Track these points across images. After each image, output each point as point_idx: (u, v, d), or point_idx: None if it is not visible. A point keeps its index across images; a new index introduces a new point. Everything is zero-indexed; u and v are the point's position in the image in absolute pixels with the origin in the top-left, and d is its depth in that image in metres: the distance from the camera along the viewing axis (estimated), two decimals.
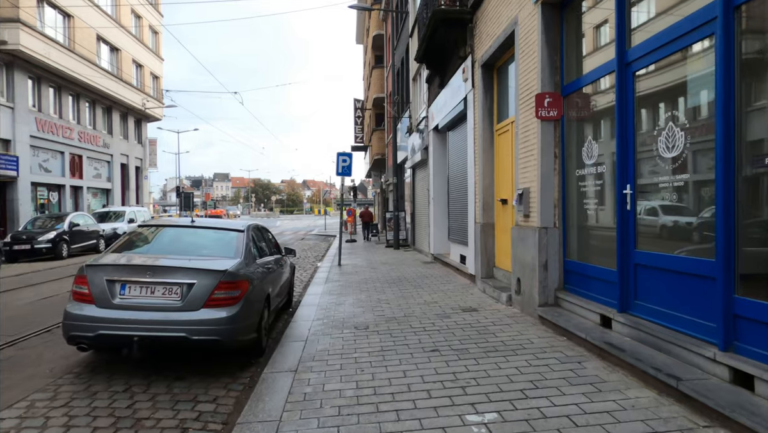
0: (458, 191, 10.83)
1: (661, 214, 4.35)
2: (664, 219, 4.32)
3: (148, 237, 5.75)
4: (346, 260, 14.27)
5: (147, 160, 35.73)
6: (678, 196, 4.07)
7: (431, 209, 13.53)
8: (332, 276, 11.03)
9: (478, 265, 8.62)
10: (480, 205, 8.57)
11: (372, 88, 28.33)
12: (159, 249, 5.44)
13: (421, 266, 12.25)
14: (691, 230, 3.99)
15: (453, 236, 11.39)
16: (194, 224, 5.92)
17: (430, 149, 13.47)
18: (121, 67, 30.24)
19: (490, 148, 8.48)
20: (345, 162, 13.17)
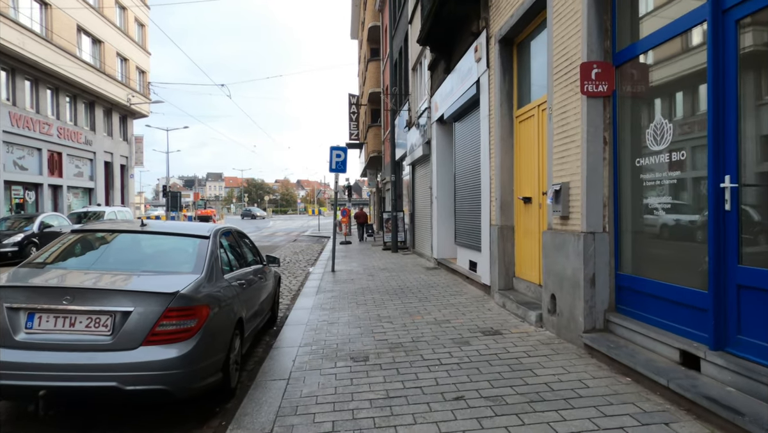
0: (467, 189, 9.59)
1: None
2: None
3: (79, 247, 4.43)
4: (341, 265, 13.01)
5: (133, 158, 34.30)
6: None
7: (434, 209, 12.29)
8: (325, 285, 9.76)
9: (495, 274, 7.38)
10: (497, 204, 7.33)
11: (368, 82, 27.08)
12: (89, 263, 4.12)
13: (423, 273, 11.00)
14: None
15: (461, 239, 10.15)
16: (144, 228, 4.62)
17: (433, 143, 12.23)
18: (104, 60, 28.81)
19: (508, 137, 7.25)
20: (339, 157, 11.91)
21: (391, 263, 13.19)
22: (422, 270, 11.51)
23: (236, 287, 4.59)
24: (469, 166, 9.40)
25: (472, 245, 9.23)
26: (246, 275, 5.13)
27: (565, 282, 5.04)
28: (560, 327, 5.17)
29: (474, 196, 9.02)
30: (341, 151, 11.93)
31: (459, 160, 10.24)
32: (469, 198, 9.47)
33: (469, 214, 9.48)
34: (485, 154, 7.87)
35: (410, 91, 16.08)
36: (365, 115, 30.77)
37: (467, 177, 9.55)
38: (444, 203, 11.91)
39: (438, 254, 11.94)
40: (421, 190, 14.97)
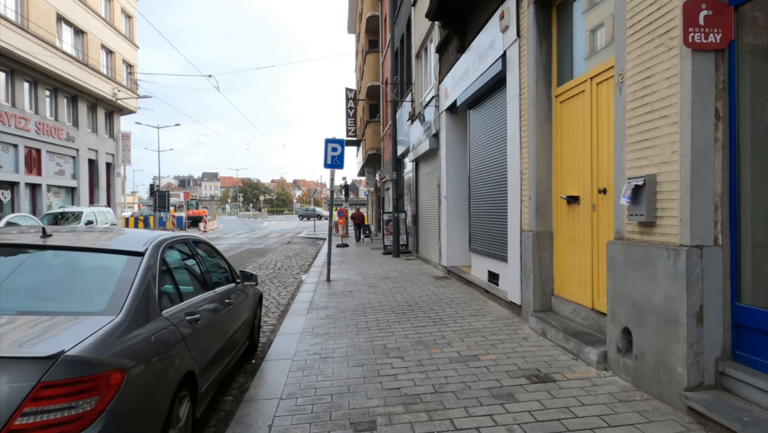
0: (486, 187, 8.16)
1: None
2: None
3: None
4: (337, 273, 11.57)
5: (120, 156, 32.74)
6: None
7: (443, 210, 10.86)
8: (318, 299, 8.32)
9: (528, 291, 5.95)
10: (531, 205, 5.91)
11: (366, 75, 25.65)
12: None
13: (432, 284, 9.57)
14: None
15: (477, 245, 8.72)
16: (47, 241, 3.15)
17: (442, 136, 10.80)
18: (87, 52, 27.27)
19: (546, 122, 5.82)
20: (335, 151, 10.46)
21: (393, 271, 11.75)
22: (430, 280, 10.07)
23: (184, 325, 3.15)
24: (488, 160, 7.97)
25: (492, 252, 7.81)
26: (204, 304, 3.69)
27: (649, 315, 3.62)
28: (641, 375, 3.74)
29: (496, 196, 7.59)
30: (338, 144, 10.49)
31: (475, 153, 8.81)
32: (488, 197, 8.04)
33: (488, 216, 8.05)
34: (514, 144, 6.44)
35: (413, 81, 14.65)
36: (363, 111, 29.34)
37: (486, 173, 8.12)
38: (455, 204, 10.49)
39: (448, 261, 10.51)
40: (426, 189, 13.54)
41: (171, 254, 3.57)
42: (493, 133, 7.67)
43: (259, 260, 15.88)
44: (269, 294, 9.66)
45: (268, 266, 14.21)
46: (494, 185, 7.67)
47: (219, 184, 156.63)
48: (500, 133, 7.30)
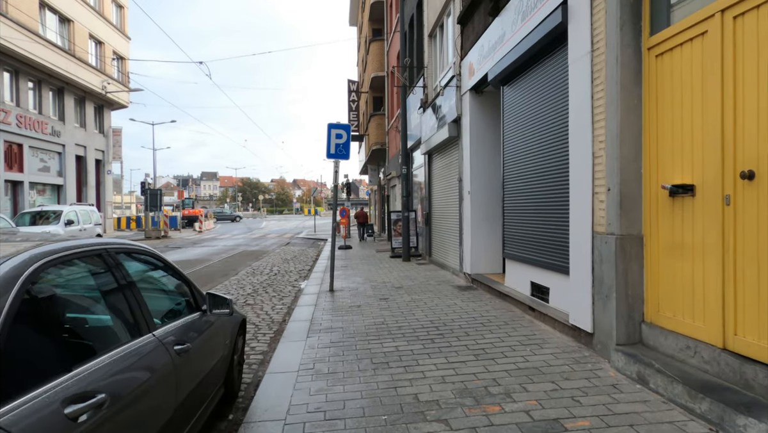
0: (531, 177, 6.58)
1: None
2: None
3: None
4: (342, 280, 10.00)
5: (110, 152, 31.18)
6: None
7: (465, 208, 9.29)
8: (321, 316, 6.75)
9: (606, 315, 4.38)
10: (611, 198, 4.34)
11: (369, 66, 24.07)
12: None
13: (456, 296, 7.99)
14: None
15: (515, 249, 7.14)
16: None
17: (465, 121, 9.23)
18: (74, 41, 25.71)
19: (634, 85, 4.25)
20: (340, 138, 8.89)
21: (405, 278, 10.17)
22: (452, 291, 8.50)
23: (75, 411, 1.58)
24: (535, 145, 6.39)
25: (540, 260, 6.23)
26: (120, 369, 2.11)
27: None
28: None
29: (547, 188, 6.02)
30: (342, 130, 8.91)
31: (512, 138, 7.23)
32: (534, 191, 6.46)
33: (534, 214, 6.47)
34: (580, 118, 4.86)
35: (426, 64, 13.08)
36: (366, 105, 27.78)
37: (531, 161, 6.54)
38: (481, 200, 8.92)
39: (472, 268, 8.93)
40: (441, 185, 11.97)
41: (59, 280, 2.00)
42: (543, 109, 6.08)
43: (253, 264, 14.30)
44: (261, 308, 8.09)
45: (262, 272, 12.64)
46: (545, 175, 6.09)
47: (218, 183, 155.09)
48: (555, 107, 5.72)
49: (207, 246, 21.82)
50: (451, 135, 9.86)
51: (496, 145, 8.95)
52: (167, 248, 20.77)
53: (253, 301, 8.65)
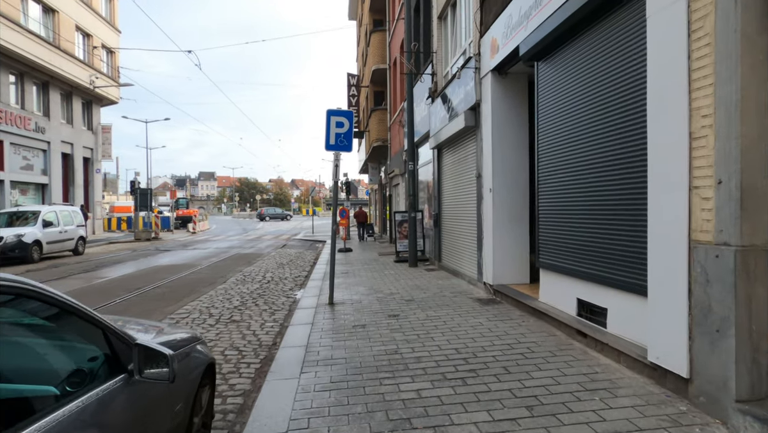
0: (579, 170, 5.34)
1: None
2: None
3: None
4: (343, 291, 8.75)
5: (99, 150, 29.87)
6: None
7: (485, 208, 8.05)
8: (318, 340, 5.49)
9: (721, 359, 3.15)
10: (726, 193, 3.11)
11: (370, 58, 22.82)
12: None
13: (480, 313, 6.74)
14: None
15: (554, 258, 5.90)
16: None
17: (485, 108, 7.99)
18: (59, 33, 24.40)
19: (759, 34, 3.02)
20: (341, 127, 7.65)
21: (416, 288, 8.93)
22: (473, 305, 7.25)
23: None
24: (586, 129, 5.15)
25: (592, 273, 4.99)
26: None
27: None
28: None
29: (605, 182, 4.77)
30: (344, 117, 7.67)
31: (551, 123, 5.99)
32: (583, 187, 5.22)
33: (584, 215, 5.22)
34: (669, 86, 3.62)
35: (434, 50, 11.84)
36: (367, 101, 26.53)
37: (580, 149, 5.30)
38: (506, 199, 7.68)
39: (495, 278, 7.68)
40: (453, 182, 10.73)
41: None
42: (600, 84, 4.84)
43: (245, 270, 13.04)
44: (248, 326, 6.83)
45: (254, 278, 11.38)
46: (604, 167, 4.84)
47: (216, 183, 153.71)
48: (620, 79, 4.48)
49: (198, 249, 20.55)
50: (468, 125, 8.62)
51: (522, 136, 7.71)
52: (156, 251, 19.51)
53: (240, 316, 7.40)
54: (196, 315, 7.46)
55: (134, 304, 8.38)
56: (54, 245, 16.68)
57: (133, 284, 10.52)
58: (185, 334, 3.19)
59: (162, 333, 3.07)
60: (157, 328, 3.22)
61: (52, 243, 16.50)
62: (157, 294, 9.38)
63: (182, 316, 7.40)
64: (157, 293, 9.57)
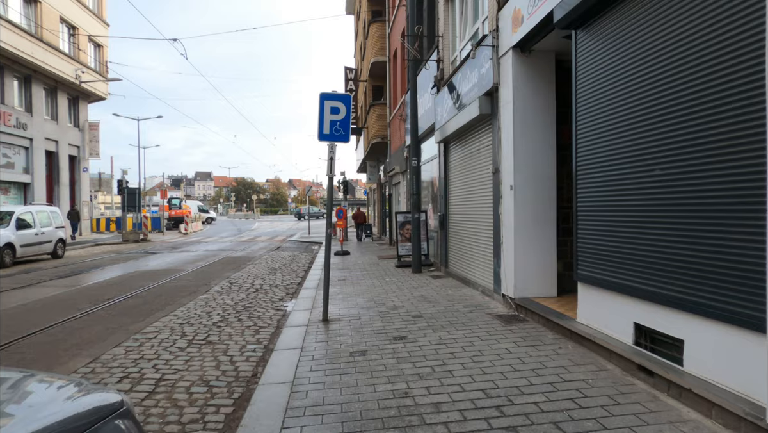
0: (640, 159, 4.22)
1: None
2: None
3: None
4: (339, 303, 7.63)
5: (86, 148, 28.68)
6: None
7: (505, 208, 6.94)
8: (306, 375, 4.37)
9: None
10: None
11: (369, 51, 21.69)
12: None
13: (504, 334, 5.63)
14: None
15: (601, 270, 4.78)
16: None
17: (505, 93, 6.88)
18: (41, 24, 23.21)
19: None
20: (337, 114, 6.53)
21: (422, 299, 7.81)
22: (493, 323, 6.13)
23: None
24: (648, 107, 4.03)
25: (660, 292, 3.87)
26: None
27: None
28: None
29: (673, 176, 3.67)
30: (340, 102, 6.54)
31: (593, 104, 4.88)
32: (646, 181, 4.10)
33: (649, 217, 4.11)
34: None
35: (440, 33, 10.72)
36: (365, 96, 25.40)
37: (638, 132, 4.18)
38: (530, 197, 6.57)
39: (517, 290, 6.57)
40: (462, 180, 9.62)
41: None
42: (684, 41, 3.71)
43: (232, 276, 11.91)
44: (226, 350, 5.69)
45: (241, 286, 10.25)
46: (683, 151, 3.73)
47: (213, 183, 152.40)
48: (713, 32, 3.37)
49: (186, 251, 19.40)
50: (483, 113, 7.50)
51: (548, 123, 6.61)
52: (142, 254, 18.34)
53: (218, 336, 6.26)
54: (165, 335, 6.32)
55: (94, 321, 7.23)
56: (29, 247, 15.51)
57: (103, 294, 9.38)
58: (99, 401, 2.06)
59: (52, 405, 1.94)
60: (52, 394, 2.09)
61: (26, 246, 15.33)
62: (127, 307, 8.24)
63: (148, 337, 6.26)
64: (127, 304, 8.42)
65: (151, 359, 5.34)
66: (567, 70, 6.89)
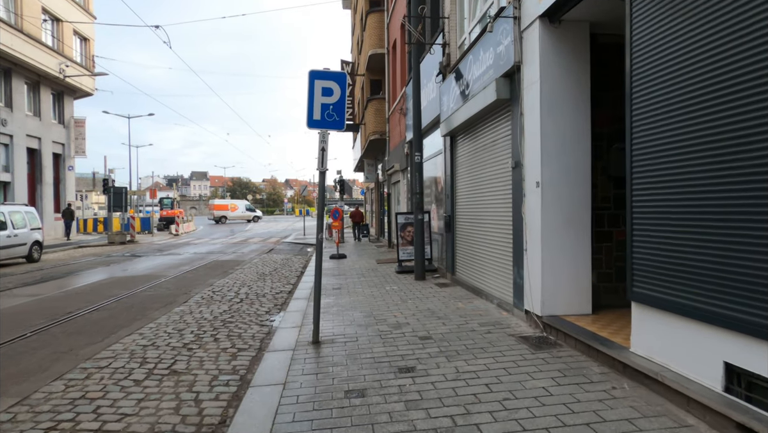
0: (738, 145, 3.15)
1: None
2: None
3: None
4: (332, 318, 6.54)
5: (72, 146, 27.48)
6: None
7: (531, 208, 5.87)
8: (287, 429, 3.31)
9: None
10: None
11: (366, 43, 20.62)
12: None
13: (536, 365, 4.55)
14: None
15: (671, 290, 3.70)
16: None
17: (530, 72, 5.82)
18: (21, 14, 22.03)
19: None
20: (329, 95, 5.45)
21: (430, 314, 6.74)
22: (519, 348, 5.06)
23: None
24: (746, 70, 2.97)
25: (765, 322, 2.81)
26: None
27: None
28: None
29: None
30: (333, 81, 5.46)
31: (658, 77, 3.81)
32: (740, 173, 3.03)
33: (738, 220, 3.04)
34: None
35: (446, 14, 9.66)
36: (363, 91, 24.31)
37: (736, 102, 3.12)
38: (561, 195, 5.51)
39: (544, 307, 5.50)
40: (472, 176, 8.56)
41: None
42: None
43: (216, 282, 10.81)
44: (192, 384, 4.60)
45: (225, 295, 9.16)
46: None
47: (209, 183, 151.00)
48: None
49: (173, 254, 18.28)
50: (500, 98, 6.43)
51: (582, 107, 5.56)
52: (126, 257, 17.21)
53: (186, 363, 5.18)
54: (121, 362, 5.22)
55: (43, 342, 6.12)
56: (1, 251, 14.38)
57: (66, 306, 8.27)
58: None
59: None
60: None
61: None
62: (88, 322, 7.14)
63: (100, 365, 5.16)
64: (89, 319, 7.32)
65: (95, 398, 4.26)
66: (603, 45, 5.85)
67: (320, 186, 5.67)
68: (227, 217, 53.23)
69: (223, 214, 53.18)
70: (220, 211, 53.73)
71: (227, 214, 53.57)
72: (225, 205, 56.05)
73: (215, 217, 51.99)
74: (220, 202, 56.57)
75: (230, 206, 55.93)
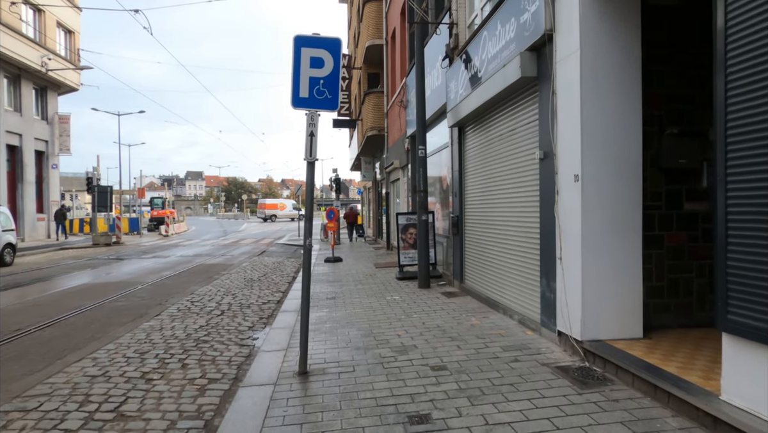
0: None
1: None
2: None
3: None
4: (325, 338, 5.46)
5: (56, 143, 26.31)
6: None
7: (567, 208, 4.82)
8: None
9: None
10: None
11: (363, 34, 19.54)
12: None
13: (589, 415, 3.49)
14: None
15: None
16: None
17: (566, 43, 4.77)
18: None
19: None
20: (319, 67, 4.40)
21: (440, 333, 5.68)
22: (556, 382, 4.01)
23: None
24: None
25: None
26: None
27: None
28: None
29: None
30: (324, 49, 4.40)
31: None
32: None
33: None
34: None
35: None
36: (360, 86, 23.25)
37: None
38: (607, 193, 4.46)
39: (585, 329, 4.45)
40: (484, 172, 7.51)
41: None
42: None
43: (199, 290, 9.72)
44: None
45: (204, 306, 8.08)
46: None
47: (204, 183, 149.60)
48: None
49: (158, 257, 17.16)
50: (526, 75, 5.37)
51: (632, 87, 4.51)
52: (107, 260, 16.08)
53: (139, 403, 4.10)
54: (56, 403, 4.13)
55: None
56: None
57: (17, 320, 7.17)
58: None
59: None
60: None
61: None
62: (35, 343, 6.05)
63: (27, 407, 4.06)
64: (37, 339, 6.23)
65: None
66: (655, 8, 4.80)
67: (308, 180, 4.60)
68: (277, 215, 56.22)
69: (273, 213, 56.20)
70: (270, 210, 56.82)
71: (277, 213, 56.66)
72: (275, 205, 59.80)
73: (265, 215, 54.85)
74: (271, 202, 60.87)
75: (279, 205, 59.48)
